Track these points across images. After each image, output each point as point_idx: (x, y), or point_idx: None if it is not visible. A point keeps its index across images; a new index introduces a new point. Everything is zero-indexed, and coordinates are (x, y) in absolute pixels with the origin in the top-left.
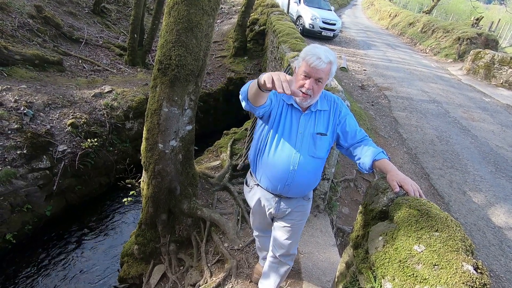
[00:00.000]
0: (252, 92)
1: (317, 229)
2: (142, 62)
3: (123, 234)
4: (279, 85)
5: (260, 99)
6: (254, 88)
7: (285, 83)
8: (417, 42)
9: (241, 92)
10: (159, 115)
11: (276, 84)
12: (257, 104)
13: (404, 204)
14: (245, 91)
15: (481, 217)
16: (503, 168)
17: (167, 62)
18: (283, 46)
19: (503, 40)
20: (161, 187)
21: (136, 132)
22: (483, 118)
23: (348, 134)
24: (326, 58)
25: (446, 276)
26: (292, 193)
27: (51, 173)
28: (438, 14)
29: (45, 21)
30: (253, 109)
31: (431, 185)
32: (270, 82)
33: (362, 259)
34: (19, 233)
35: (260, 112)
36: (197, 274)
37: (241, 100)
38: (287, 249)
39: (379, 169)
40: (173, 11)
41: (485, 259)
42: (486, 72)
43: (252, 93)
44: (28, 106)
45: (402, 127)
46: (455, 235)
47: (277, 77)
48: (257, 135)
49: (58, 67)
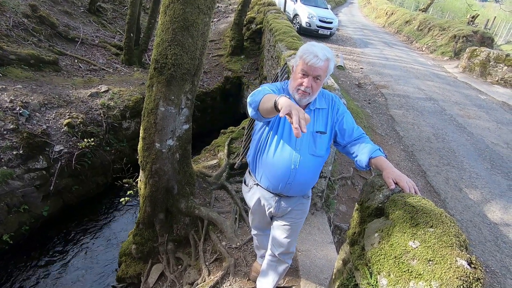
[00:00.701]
0: (265, 107)
1: (314, 227)
2: (139, 61)
3: (120, 233)
4: (296, 120)
5: (272, 115)
6: (270, 106)
7: (303, 121)
8: (414, 40)
9: (250, 101)
10: (156, 114)
11: (294, 119)
12: (266, 117)
13: (400, 201)
14: (256, 101)
15: (477, 213)
16: (499, 164)
17: (164, 61)
18: (280, 44)
19: (499, 38)
20: (159, 187)
21: (133, 132)
22: (479, 116)
23: (346, 132)
24: (323, 56)
25: (441, 271)
26: (293, 192)
27: (48, 173)
28: (434, 12)
29: (40, 20)
30: (261, 119)
31: (428, 182)
32: (286, 112)
33: (358, 256)
34: (16, 233)
35: (265, 121)
36: (195, 273)
37: (249, 107)
38: (287, 248)
39: (376, 166)
40: (168, 10)
41: (481, 255)
42: (481, 70)
43: (265, 108)
44: (24, 106)
45: (399, 124)
46: (450, 231)
47: (296, 112)
48: (257, 135)
49: (54, 67)
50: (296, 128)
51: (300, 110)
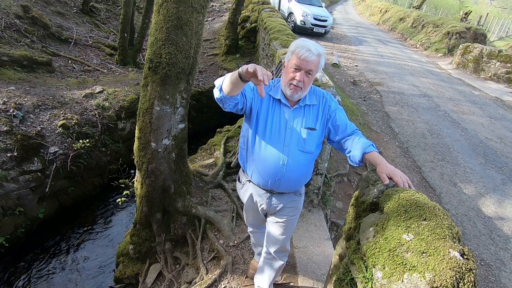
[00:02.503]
0: (229, 81)
1: (311, 224)
2: (133, 61)
3: (118, 234)
4: (261, 74)
5: (235, 89)
6: (234, 77)
7: (265, 76)
8: (408, 37)
9: (216, 82)
10: (151, 114)
11: (259, 73)
12: (230, 94)
13: (394, 195)
14: (220, 80)
15: (471, 207)
16: (492, 159)
17: (158, 60)
18: (274, 43)
19: (492, 34)
20: (155, 186)
21: (128, 132)
22: (473, 111)
23: (339, 128)
24: (316, 51)
25: (434, 263)
26: (283, 188)
27: (43, 175)
28: (428, 9)
29: (33, 21)
30: (226, 99)
31: (423, 177)
32: (253, 68)
33: (354, 250)
34: (12, 236)
35: (230, 106)
36: (193, 272)
37: (215, 91)
38: (282, 244)
39: (369, 162)
40: (162, 9)
41: (476, 248)
42: (475, 66)
43: (230, 81)
44: (18, 108)
45: (394, 121)
46: (443, 223)
47: (260, 68)
48: (246, 132)
49: (47, 68)
50: (260, 80)
51: (264, 69)
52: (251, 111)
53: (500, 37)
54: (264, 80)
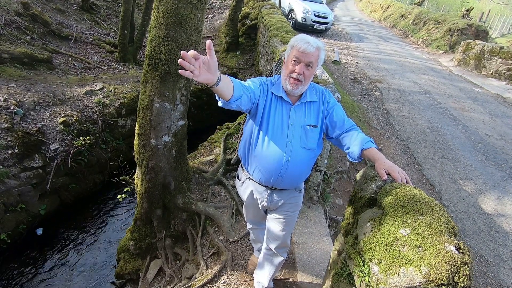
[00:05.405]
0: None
1: (311, 220)
2: (134, 58)
3: (118, 230)
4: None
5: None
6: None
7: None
8: (409, 34)
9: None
10: (151, 110)
11: (207, 44)
12: (225, 98)
13: (392, 190)
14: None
15: (471, 204)
16: (493, 156)
17: (157, 57)
18: (275, 39)
19: (493, 31)
20: (155, 183)
21: (129, 129)
22: (474, 108)
23: (337, 124)
24: (315, 43)
25: (430, 257)
26: (285, 184)
27: (44, 172)
28: (430, 5)
29: (33, 18)
30: (227, 105)
31: (423, 174)
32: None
33: (351, 245)
34: (13, 232)
35: (232, 106)
36: (193, 267)
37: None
38: (282, 240)
39: (368, 158)
40: (161, 5)
41: (475, 245)
42: (476, 63)
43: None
44: (18, 105)
45: (394, 118)
46: (439, 218)
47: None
48: (248, 129)
49: (48, 65)
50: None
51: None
52: (257, 109)
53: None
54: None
